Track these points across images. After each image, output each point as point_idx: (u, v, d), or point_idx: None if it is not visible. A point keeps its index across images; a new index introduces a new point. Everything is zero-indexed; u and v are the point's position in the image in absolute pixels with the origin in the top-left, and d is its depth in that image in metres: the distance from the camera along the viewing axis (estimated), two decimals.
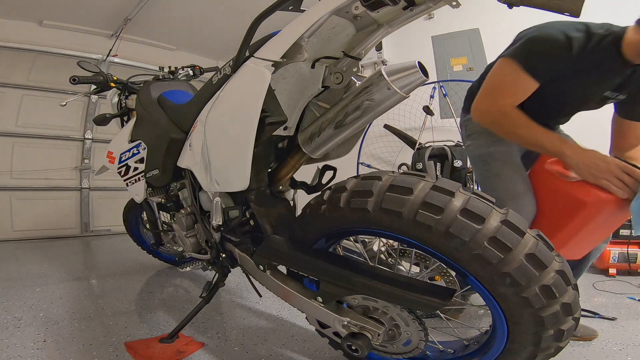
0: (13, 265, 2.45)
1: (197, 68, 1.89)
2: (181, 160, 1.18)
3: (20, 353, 1.19)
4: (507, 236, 0.65)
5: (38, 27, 3.39)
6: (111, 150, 1.55)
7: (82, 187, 3.67)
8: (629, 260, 2.26)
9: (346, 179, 0.84)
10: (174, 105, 1.35)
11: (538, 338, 0.70)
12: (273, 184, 1.06)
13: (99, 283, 2.07)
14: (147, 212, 1.66)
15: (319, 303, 0.88)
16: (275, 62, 0.82)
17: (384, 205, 0.73)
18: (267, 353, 1.25)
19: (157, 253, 2.25)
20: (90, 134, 3.68)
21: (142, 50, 3.89)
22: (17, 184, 3.36)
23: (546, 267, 0.65)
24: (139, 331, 1.40)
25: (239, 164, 0.88)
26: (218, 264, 1.22)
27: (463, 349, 0.94)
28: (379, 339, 0.83)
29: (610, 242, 2.32)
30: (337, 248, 1.02)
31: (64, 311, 1.57)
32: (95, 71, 1.73)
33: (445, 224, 0.67)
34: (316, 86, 0.91)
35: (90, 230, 3.68)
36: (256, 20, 0.80)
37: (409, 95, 0.81)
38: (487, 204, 0.68)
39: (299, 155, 1.02)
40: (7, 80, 3.30)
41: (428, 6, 0.71)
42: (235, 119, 0.90)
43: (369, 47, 0.89)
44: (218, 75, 1.01)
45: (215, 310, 1.63)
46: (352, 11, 0.76)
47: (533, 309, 0.66)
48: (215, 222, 1.05)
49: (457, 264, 0.71)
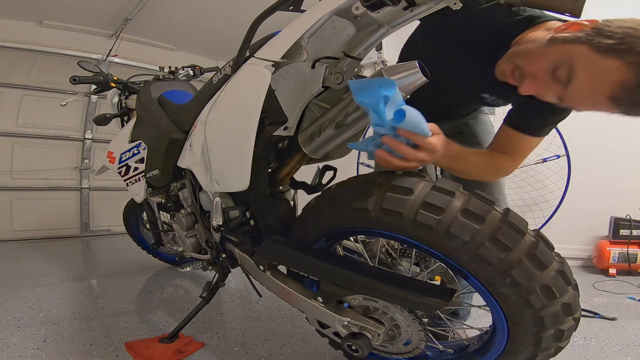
0: (13, 265, 2.45)
1: (197, 68, 1.89)
2: (181, 160, 1.18)
3: (20, 353, 1.19)
4: (508, 236, 0.65)
5: (38, 27, 3.38)
6: (111, 150, 1.55)
7: (82, 187, 3.67)
8: (629, 260, 2.26)
9: (346, 179, 0.84)
10: (174, 105, 1.35)
11: (538, 338, 0.70)
12: (273, 184, 1.06)
13: (99, 283, 2.07)
14: (147, 212, 1.66)
15: (319, 303, 0.88)
16: (276, 62, 0.82)
17: (385, 205, 0.73)
18: (267, 353, 1.25)
19: (157, 253, 2.25)
20: (90, 134, 3.68)
21: (142, 50, 3.88)
22: (17, 184, 3.36)
23: (546, 267, 0.65)
24: (139, 331, 1.40)
25: (239, 164, 0.88)
26: (218, 264, 1.22)
27: (463, 349, 0.94)
28: (379, 339, 0.83)
29: (610, 242, 2.33)
30: (337, 248, 1.02)
31: (64, 311, 1.58)
32: (96, 71, 1.73)
33: (446, 224, 0.67)
34: (316, 86, 0.91)
35: (90, 230, 3.68)
36: (256, 20, 0.80)
37: (410, 95, 0.81)
38: (488, 204, 0.68)
39: (299, 156, 1.02)
40: (7, 80, 3.30)
41: (429, 6, 0.71)
42: (235, 119, 0.90)
43: (369, 47, 0.89)
44: (218, 76, 1.01)
45: (215, 310, 1.63)
46: (352, 11, 0.76)
47: (533, 309, 0.66)
48: (215, 222, 1.05)
49: (458, 264, 0.71)
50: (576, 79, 0.70)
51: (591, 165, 2.48)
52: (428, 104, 1.09)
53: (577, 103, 0.76)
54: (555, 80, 0.73)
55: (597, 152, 2.44)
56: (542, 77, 0.75)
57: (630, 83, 0.65)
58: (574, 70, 0.70)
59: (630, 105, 0.69)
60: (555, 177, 2.54)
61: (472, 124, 1.28)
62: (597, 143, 2.44)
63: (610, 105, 0.70)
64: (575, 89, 0.72)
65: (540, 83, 0.76)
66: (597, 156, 2.46)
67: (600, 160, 2.46)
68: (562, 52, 0.71)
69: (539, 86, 0.77)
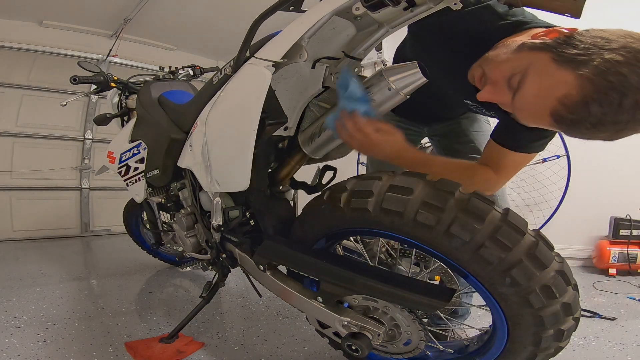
0: (13, 265, 2.45)
1: (197, 68, 1.89)
2: (181, 160, 1.18)
3: (20, 353, 1.19)
4: (507, 236, 0.65)
5: (38, 27, 3.38)
6: (111, 150, 1.55)
7: (82, 187, 3.67)
8: (629, 260, 2.26)
9: (346, 179, 0.84)
10: (175, 105, 1.35)
11: (538, 338, 0.70)
12: (273, 184, 1.06)
13: (99, 283, 2.07)
14: (147, 212, 1.66)
15: (319, 303, 0.88)
16: (276, 62, 0.82)
17: (385, 205, 0.73)
18: (267, 353, 1.25)
19: (157, 253, 2.25)
20: (90, 134, 3.68)
21: (142, 50, 3.88)
22: (17, 184, 3.35)
23: (546, 267, 0.65)
24: (139, 331, 1.40)
25: (239, 164, 0.88)
26: (218, 264, 1.22)
27: (463, 349, 0.94)
28: (379, 339, 0.83)
29: (610, 242, 2.33)
30: (337, 248, 1.02)
31: (64, 311, 1.58)
32: (96, 71, 1.73)
33: (446, 224, 0.67)
34: (317, 86, 0.91)
35: (90, 230, 3.68)
36: (257, 20, 0.80)
37: (410, 95, 0.81)
38: (488, 204, 0.68)
39: (299, 156, 1.02)
40: (7, 80, 3.29)
41: (429, 7, 0.71)
42: (235, 119, 0.90)
43: (369, 47, 0.89)
44: (218, 76, 1.01)
45: (215, 310, 1.63)
46: (352, 12, 0.76)
47: (533, 308, 0.66)
48: (215, 222, 1.05)
49: (458, 264, 0.71)
50: (524, 88, 0.66)
51: (591, 165, 2.48)
52: (416, 106, 1.10)
53: (521, 115, 0.71)
54: (510, 89, 0.69)
55: (597, 152, 2.43)
56: (499, 84, 0.71)
57: (574, 99, 0.59)
58: (525, 79, 0.65)
59: (571, 125, 0.63)
60: (555, 177, 2.54)
61: (464, 124, 1.25)
62: (597, 143, 2.40)
63: (551, 122, 0.64)
64: (520, 99, 0.67)
65: (497, 90, 0.71)
66: (597, 156, 2.45)
67: (600, 160, 2.46)
68: (524, 59, 0.66)
69: (495, 93, 0.72)
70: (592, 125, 0.61)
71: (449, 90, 1.00)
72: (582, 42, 0.60)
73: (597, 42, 0.59)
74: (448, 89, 1.00)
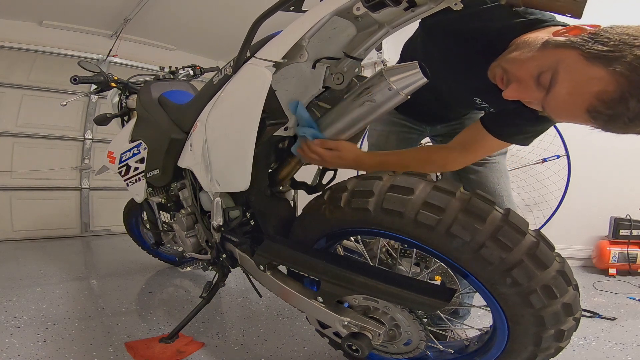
0: (13, 265, 2.44)
1: (197, 68, 1.89)
2: (182, 161, 1.18)
3: (20, 353, 1.19)
4: (508, 236, 0.65)
5: (38, 27, 3.38)
6: (111, 150, 1.55)
7: (82, 187, 3.67)
8: (629, 260, 2.26)
9: (347, 179, 0.84)
10: (175, 105, 1.35)
11: (538, 338, 0.70)
12: (274, 184, 1.06)
13: (99, 283, 2.06)
14: (147, 212, 1.66)
15: (320, 303, 0.88)
16: (276, 62, 0.82)
17: (385, 205, 0.73)
18: (267, 353, 1.25)
19: (157, 253, 2.25)
20: (90, 134, 3.68)
21: (142, 50, 3.88)
22: (17, 184, 3.35)
23: (547, 267, 0.65)
24: (139, 331, 1.40)
25: (239, 164, 0.88)
26: (218, 264, 1.22)
27: (463, 349, 0.94)
28: (379, 339, 0.83)
29: (610, 242, 2.33)
30: (337, 248, 1.02)
31: (64, 311, 1.57)
32: (96, 71, 1.73)
33: (446, 224, 0.67)
34: (317, 87, 0.91)
35: (90, 230, 3.67)
36: (257, 20, 0.80)
37: (410, 96, 0.81)
38: (488, 204, 0.68)
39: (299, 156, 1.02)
40: (7, 80, 3.29)
41: (429, 7, 0.71)
42: (236, 119, 0.90)
43: (370, 47, 0.89)
44: (219, 76, 1.01)
45: (215, 310, 1.63)
46: (353, 12, 0.76)
47: (534, 308, 0.66)
48: (215, 222, 1.05)
49: (458, 264, 0.71)
50: (557, 86, 0.65)
51: (591, 165, 2.48)
52: (421, 106, 1.12)
53: (555, 113, 0.71)
54: (539, 87, 0.69)
55: (597, 152, 2.43)
56: (527, 82, 0.70)
57: (611, 95, 0.60)
58: (557, 76, 0.65)
59: (609, 121, 0.63)
60: (555, 177, 2.54)
61: (467, 124, 1.23)
62: (597, 143, 2.43)
63: (587, 119, 0.65)
64: (554, 97, 0.67)
65: (524, 88, 0.71)
66: (597, 156, 2.45)
67: (600, 160, 2.46)
68: (551, 56, 0.66)
69: (522, 91, 0.72)
70: (630, 120, 0.62)
71: (460, 89, 1.01)
72: (610, 39, 0.61)
73: (624, 39, 0.59)
74: (458, 88, 1.01)
